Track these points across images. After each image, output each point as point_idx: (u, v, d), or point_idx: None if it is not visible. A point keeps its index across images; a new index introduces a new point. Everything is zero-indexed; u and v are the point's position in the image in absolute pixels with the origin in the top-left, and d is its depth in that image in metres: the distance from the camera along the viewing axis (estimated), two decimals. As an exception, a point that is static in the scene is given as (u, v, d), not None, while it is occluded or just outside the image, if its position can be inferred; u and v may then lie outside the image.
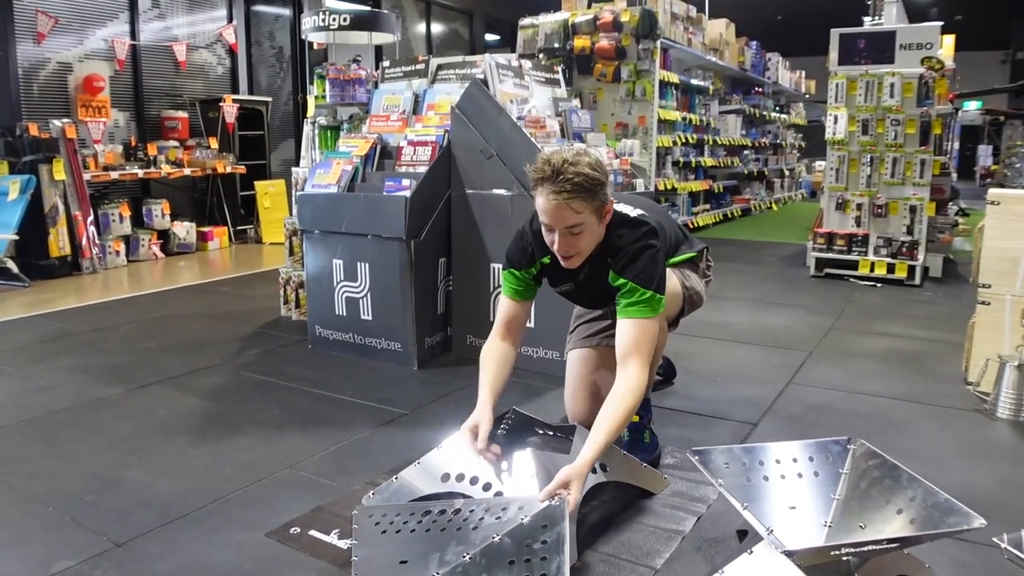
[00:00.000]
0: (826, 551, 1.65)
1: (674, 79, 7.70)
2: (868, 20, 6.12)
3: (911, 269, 5.61)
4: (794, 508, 1.85)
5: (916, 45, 5.59)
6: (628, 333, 2.05)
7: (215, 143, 7.81)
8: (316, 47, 8.07)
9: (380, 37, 5.72)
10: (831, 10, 9.71)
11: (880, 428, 2.82)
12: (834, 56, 5.81)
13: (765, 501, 1.85)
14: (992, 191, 3.20)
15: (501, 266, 2.39)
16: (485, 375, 2.22)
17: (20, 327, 4.40)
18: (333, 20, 5.08)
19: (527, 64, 4.01)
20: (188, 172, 7.38)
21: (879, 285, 5.61)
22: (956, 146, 11.28)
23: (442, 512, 1.87)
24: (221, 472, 2.43)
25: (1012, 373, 2.91)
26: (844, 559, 1.64)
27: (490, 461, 2.08)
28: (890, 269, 5.67)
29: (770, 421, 2.90)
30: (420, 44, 11.58)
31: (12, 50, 6.38)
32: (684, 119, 8.15)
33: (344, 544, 1.95)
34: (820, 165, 12.96)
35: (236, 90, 8.51)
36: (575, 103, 4.25)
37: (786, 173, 12.78)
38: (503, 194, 3.43)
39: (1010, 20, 17.22)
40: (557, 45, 7.27)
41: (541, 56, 7.19)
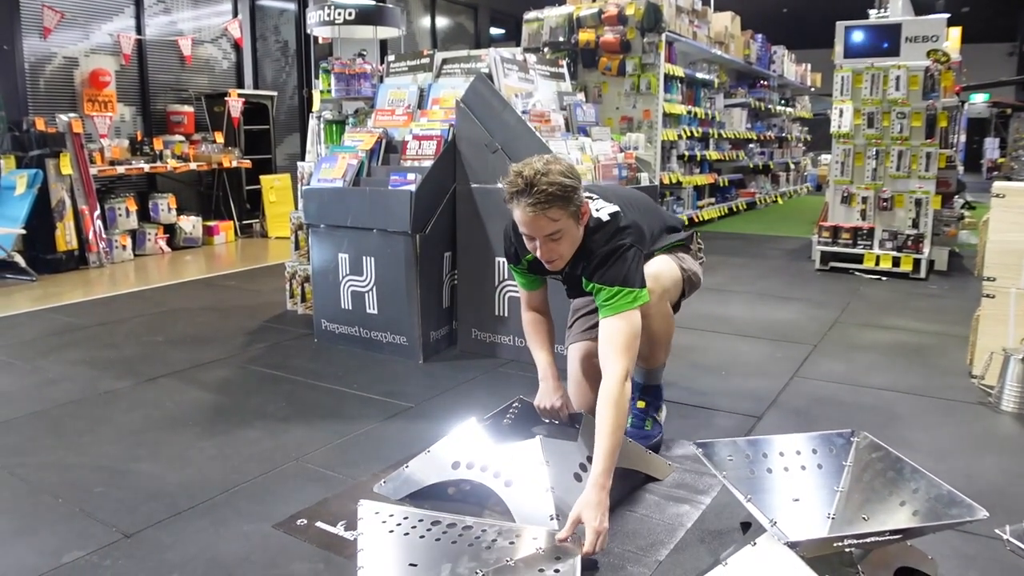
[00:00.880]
0: (829, 543, 1.66)
1: (679, 72, 7.68)
2: (874, 12, 6.09)
3: (916, 262, 5.60)
4: (798, 500, 1.86)
5: (922, 38, 5.57)
6: (604, 332, 2.09)
7: (221, 137, 7.83)
8: (321, 41, 8.06)
9: (385, 31, 5.72)
10: (837, 2, 9.65)
11: (884, 421, 2.83)
12: (839, 49, 5.79)
13: (769, 493, 1.86)
14: (997, 184, 3.19)
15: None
16: (536, 339, 2.42)
17: (28, 321, 4.43)
18: (338, 15, 5.09)
19: (532, 58, 4.02)
20: (194, 166, 7.41)
21: (884, 279, 5.61)
22: (962, 139, 11.22)
23: (452, 525, 1.88)
24: (229, 464, 2.46)
25: (1017, 366, 2.91)
26: (847, 551, 1.65)
27: (562, 417, 2.32)
28: (895, 262, 5.66)
29: (774, 414, 2.91)
30: (425, 38, 11.56)
31: (19, 45, 6.40)
32: (689, 113, 8.13)
33: (350, 536, 1.97)
34: (825, 158, 12.93)
35: (241, 85, 8.53)
36: (580, 97, 4.25)
37: (791, 166, 12.73)
38: (508, 188, 3.43)
39: (1017, 12, 17.06)
40: (562, 39, 7.26)
41: (546, 50, 7.19)
